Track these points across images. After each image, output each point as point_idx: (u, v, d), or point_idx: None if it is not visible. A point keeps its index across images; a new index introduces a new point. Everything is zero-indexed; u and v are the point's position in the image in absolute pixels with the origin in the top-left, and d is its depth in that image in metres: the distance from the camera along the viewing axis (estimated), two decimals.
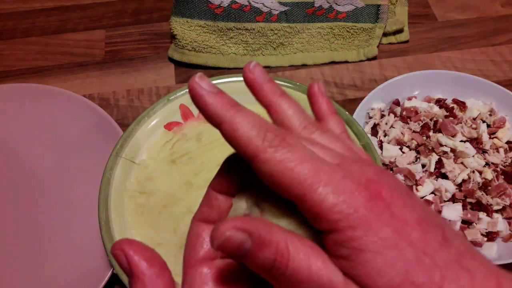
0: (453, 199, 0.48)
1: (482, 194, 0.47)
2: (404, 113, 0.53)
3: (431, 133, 0.52)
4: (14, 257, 0.47)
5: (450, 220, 0.46)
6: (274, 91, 0.24)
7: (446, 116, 0.53)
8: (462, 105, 0.54)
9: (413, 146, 0.51)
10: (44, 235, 0.48)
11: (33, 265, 0.46)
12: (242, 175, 0.22)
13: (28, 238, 0.48)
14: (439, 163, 0.49)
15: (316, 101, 0.27)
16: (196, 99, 0.20)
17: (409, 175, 0.48)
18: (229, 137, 0.19)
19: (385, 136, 0.53)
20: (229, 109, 0.19)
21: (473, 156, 0.50)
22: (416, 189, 0.48)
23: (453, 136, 0.51)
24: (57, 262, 0.46)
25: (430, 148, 0.50)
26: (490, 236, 0.46)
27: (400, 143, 0.51)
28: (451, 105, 0.54)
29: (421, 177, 0.49)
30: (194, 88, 0.20)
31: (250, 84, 0.24)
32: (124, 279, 0.36)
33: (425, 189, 0.48)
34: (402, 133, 0.52)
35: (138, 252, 0.20)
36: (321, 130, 0.22)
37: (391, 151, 0.51)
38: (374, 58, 0.63)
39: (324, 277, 0.18)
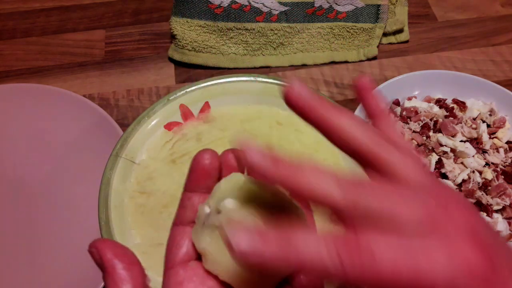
0: None
1: (482, 194, 0.47)
2: (404, 113, 0.53)
3: (431, 133, 0.52)
4: (14, 257, 0.47)
5: None
6: (324, 106, 0.21)
7: (446, 116, 0.53)
8: (462, 105, 0.54)
9: (413, 146, 0.51)
10: (44, 235, 0.48)
11: (33, 265, 0.46)
12: (212, 172, 0.22)
13: (28, 238, 0.48)
14: (439, 163, 0.49)
15: (368, 96, 0.24)
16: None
17: None
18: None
19: None
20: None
21: (473, 156, 0.50)
22: None
23: (453, 136, 0.51)
24: (57, 262, 0.46)
25: (430, 148, 0.50)
26: None
27: None
28: (451, 105, 0.54)
29: None
30: None
31: (293, 104, 0.22)
32: None
33: None
34: (402, 133, 0.52)
35: (110, 249, 0.21)
36: (393, 145, 0.21)
37: None
38: (374, 58, 0.63)
39: None
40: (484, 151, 0.51)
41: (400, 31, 0.65)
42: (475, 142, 0.51)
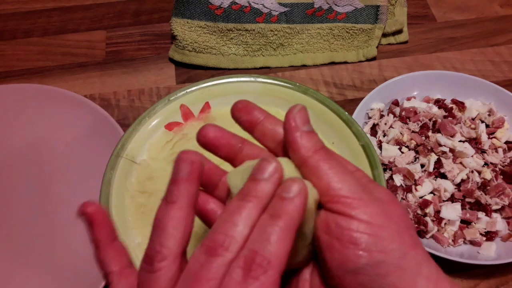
0: (452, 199, 0.48)
1: (481, 194, 0.47)
2: (403, 113, 0.54)
3: (430, 133, 0.52)
4: (13, 257, 0.47)
5: (449, 220, 0.46)
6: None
7: (445, 116, 0.53)
8: (461, 105, 0.55)
9: (412, 146, 0.51)
10: (44, 235, 0.48)
11: (32, 265, 0.46)
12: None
13: (28, 238, 0.48)
14: (438, 163, 0.49)
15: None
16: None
17: (408, 175, 0.48)
18: None
19: (384, 136, 0.53)
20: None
21: (472, 156, 0.50)
22: (415, 189, 0.48)
23: (452, 136, 0.51)
24: (57, 263, 0.46)
25: (429, 148, 0.50)
26: (489, 235, 0.46)
27: (399, 143, 0.52)
28: (450, 105, 0.55)
29: (420, 177, 0.49)
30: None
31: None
32: None
33: (424, 189, 0.48)
34: (401, 133, 0.52)
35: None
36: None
37: (390, 151, 0.51)
38: (374, 58, 0.63)
39: None
40: (483, 151, 0.51)
41: (399, 31, 0.65)
42: (474, 142, 0.51)
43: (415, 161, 0.51)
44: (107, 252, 0.24)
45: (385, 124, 0.53)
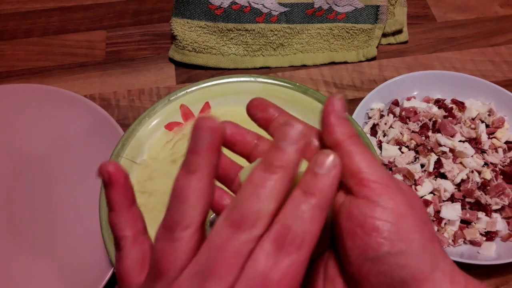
0: (452, 199, 0.48)
1: (481, 194, 0.47)
2: (403, 113, 0.54)
3: (430, 133, 0.52)
4: (14, 257, 0.47)
5: (449, 220, 0.46)
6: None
7: (445, 116, 0.53)
8: (461, 105, 0.55)
9: (412, 146, 0.51)
10: (44, 234, 0.48)
11: (33, 265, 0.47)
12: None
13: (28, 238, 0.48)
14: (438, 163, 0.49)
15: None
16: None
17: (408, 175, 0.48)
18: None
19: (384, 136, 0.53)
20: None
21: (472, 156, 0.50)
22: (415, 189, 0.48)
23: (452, 136, 0.51)
24: (57, 262, 0.46)
25: (429, 148, 0.50)
26: (489, 235, 0.46)
27: (399, 143, 0.52)
28: (450, 105, 0.55)
29: (420, 177, 0.49)
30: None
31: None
32: None
33: (424, 189, 0.48)
34: (401, 133, 0.52)
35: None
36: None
37: (390, 151, 0.51)
38: (374, 58, 0.63)
39: None
40: (483, 151, 0.51)
41: (399, 31, 0.65)
42: (474, 142, 0.51)
43: (415, 161, 0.51)
44: (122, 215, 0.23)
45: (385, 124, 0.53)
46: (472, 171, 0.49)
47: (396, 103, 0.56)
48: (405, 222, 0.22)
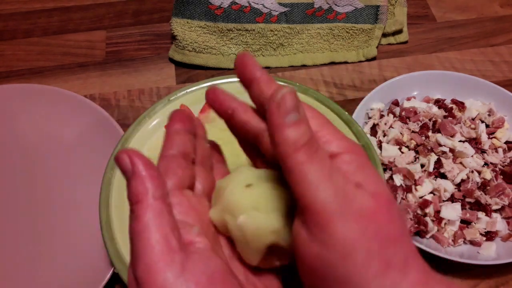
0: (452, 199, 0.48)
1: (481, 194, 0.47)
2: (403, 113, 0.54)
3: (430, 133, 0.52)
4: (14, 257, 0.47)
5: (449, 220, 0.46)
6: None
7: (445, 116, 0.53)
8: (461, 105, 0.55)
9: (412, 146, 0.51)
10: (44, 235, 0.48)
11: (33, 265, 0.46)
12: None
13: (28, 238, 0.48)
14: (438, 163, 0.49)
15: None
16: None
17: (408, 175, 0.48)
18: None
19: (384, 136, 0.53)
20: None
21: (472, 156, 0.50)
22: (415, 189, 0.48)
23: (452, 136, 0.51)
24: (57, 262, 0.46)
25: (429, 148, 0.50)
26: (489, 235, 0.46)
27: (399, 143, 0.52)
28: (450, 105, 0.55)
29: (420, 177, 0.49)
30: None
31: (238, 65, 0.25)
32: (125, 278, 0.36)
33: (424, 189, 0.48)
34: (401, 133, 0.52)
35: (140, 157, 0.22)
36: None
37: (390, 151, 0.51)
38: (374, 58, 0.63)
39: None
40: (483, 151, 0.51)
41: (399, 31, 0.65)
42: (474, 142, 0.51)
43: (415, 161, 0.51)
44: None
45: (385, 124, 0.54)
46: (472, 171, 0.49)
47: (396, 103, 0.56)
48: (347, 260, 0.20)
